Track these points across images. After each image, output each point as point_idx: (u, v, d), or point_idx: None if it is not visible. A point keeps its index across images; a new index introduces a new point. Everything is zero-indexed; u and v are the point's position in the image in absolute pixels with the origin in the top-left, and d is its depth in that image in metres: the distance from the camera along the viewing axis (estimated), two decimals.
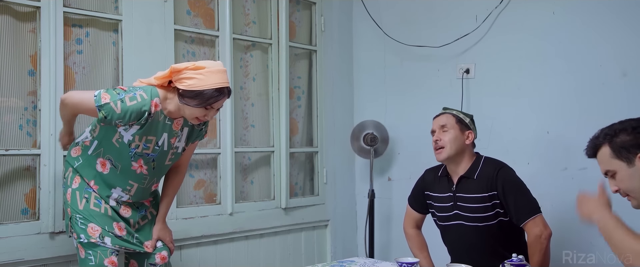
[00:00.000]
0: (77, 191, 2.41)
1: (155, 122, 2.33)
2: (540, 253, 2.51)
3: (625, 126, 1.89)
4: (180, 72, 2.25)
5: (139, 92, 2.28)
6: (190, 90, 2.24)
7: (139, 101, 2.26)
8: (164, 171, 2.53)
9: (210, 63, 2.29)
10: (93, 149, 2.40)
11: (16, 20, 2.68)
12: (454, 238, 2.74)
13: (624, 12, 3.03)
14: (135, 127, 2.30)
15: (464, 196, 2.66)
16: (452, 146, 2.66)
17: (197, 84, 2.23)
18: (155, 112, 2.30)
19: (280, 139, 3.62)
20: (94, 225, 2.36)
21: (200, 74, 2.23)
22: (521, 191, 2.61)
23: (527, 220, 2.54)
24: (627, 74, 3.02)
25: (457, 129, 2.68)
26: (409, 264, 2.31)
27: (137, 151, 2.35)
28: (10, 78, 2.66)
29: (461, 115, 2.72)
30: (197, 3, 3.33)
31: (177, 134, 2.42)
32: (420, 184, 2.89)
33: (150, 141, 2.35)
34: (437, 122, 2.74)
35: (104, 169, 2.40)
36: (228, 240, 3.38)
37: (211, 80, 2.24)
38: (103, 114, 2.23)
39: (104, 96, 2.24)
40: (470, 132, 2.71)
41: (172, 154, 2.47)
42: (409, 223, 2.94)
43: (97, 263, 2.34)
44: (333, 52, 3.99)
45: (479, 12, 3.49)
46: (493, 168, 2.64)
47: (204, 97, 2.24)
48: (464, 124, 2.70)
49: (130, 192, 2.44)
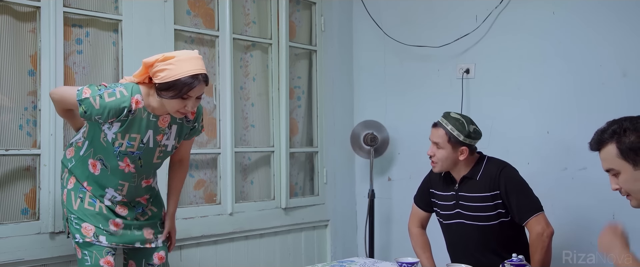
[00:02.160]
0: (72, 191, 2.41)
1: (138, 119, 2.29)
2: (542, 251, 2.51)
3: (636, 126, 1.82)
4: (152, 66, 2.20)
5: (120, 88, 2.25)
6: (163, 82, 2.18)
7: (117, 98, 2.23)
8: (153, 168, 2.49)
9: (181, 52, 2.24)
10: (84, 150, 2.39)
11: (16, 20, 2.68)
12: (455, 237, 2.74)
13: (624, 12, 3.03)
14: (116, 125, 2.27)
15: (466, 195, 2.66)
16: (445, 163, 2.66)
17: (169, 75, 2.16)
18: (137, 109, 2.27)
19: (280, 139, 3.62)
20: (87, 224, 2.36)
21: (171, 63, 2.17)
22: (524, 189, 2.61)
23: (529, 218, 2.55)
24: (627, 74, 3.02)
25: (449, 148, 2.63)
26: (409, 264, 2.31)
27: (121, 149, 2.32)
28: (10, 78, 2.66)
29: (455, 132, 2.62)
30: (197, 3, 3.33)
31: (163, 131, 2.37)
32: (426, 182, 2.89)
33: (134, 138, 2.32)
34: (433, 135, 2.69)
35: (95, 170, 2.39)
36: (228, 240, 3.38)
37: (183, 68, 2.17)
38: (83, 108, 2.22)
39: (85, 91, 2.23)
40: (465, 148, 2.64)
41: (160, 151, 2.42)
42: (413, 222, 2.94)
43: (92, 263, 2.34)
44: (333, 52, 3.99)
45: (479, 12, 3.49)
46: (496, 168, 2.65)
47: (178, 87, 2.17)
48: (457, 141, 2.62)
49: (123, 191, 2.42)
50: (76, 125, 2.53)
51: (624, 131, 1.82)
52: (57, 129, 2.69)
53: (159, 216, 2.58)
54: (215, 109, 3.34)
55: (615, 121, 1.87)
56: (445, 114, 2.72)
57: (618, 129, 1.84)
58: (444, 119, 2.69)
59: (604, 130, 1.88)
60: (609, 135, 1.85)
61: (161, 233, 2.56)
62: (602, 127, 1.89)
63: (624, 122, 1.84)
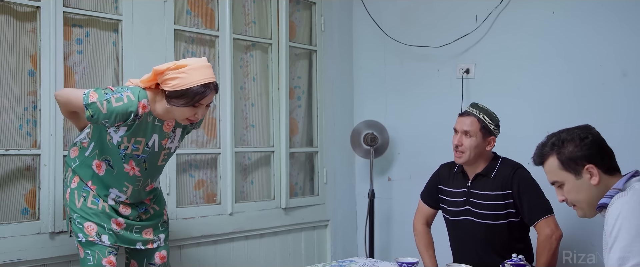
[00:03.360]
0: (76, 190, 2.41)
1: (144, 124, 2.31)
2: (549, 253, 2.51)
3: (573, 136, 1.88)
4: (162, 73, 2.21)
5: (127, 92, 2.25)
6: (175, 90, 2.19)
7: (125, 102, 2.23)
8: (157, 171, 2.51)
9: (192, 60, 2.25)
10: (90, 151, 2.39)
11: (16, 20, 2.68)
12: (462, 233, 2.73)
13: (624, 12, 3.03)
14: (123, 129, 2.28)
15: (478, 193, 2.66)
16: (472, 152, 2.64)
17: (181, 83, 2.18)
18: (144, 114, 2.28)
19: (280, 139, 3.62)
20: (90, 223, 2.36)
21: (183, 72, 2.18)
22: (536, 191, 2.61)
23: (539, 220, 2.55)
24: (627, 74, 3.02)
25: (480, 136, 2.64)
26: (409, 264, 2.31)
27: (126, 152, 2.33)
28: (10, 78, 2.66)
29: (487, 121, 2.65)
30: (197, 3, 3.33)
31: (168, 135, 2.40)
32: (435, 178, 2.88)
33: (139, 142, 2.33)
34: (461, 124, 2.67)
35: (100, 170, 2.39)
36: (228, 240, 3.37)
37: (195, 77, 2.19)
38: (90, 112, 2.22)
39: (92, 95, 2.23)
40: (493, 138, 2.67)
41: (165, 154, 2.45)
42: (419, 219, 2.94)
43: (95, 263, 2.34)
44: (333, 52, 3.98)
45: (479, 12, 3.49)
46: (510, 168, 2.65)
47: (190, 96, 2.19)
48: (488, 130, 2.65)
49: (127, 193, 2.43)
50: (80, 125, 2.53)
51: (562, 142, 1.89)
52: (57, 129, 2.69)
53: (161, 215, 2.58)
54: (216, 109, 3.34)
55: (554, 134, 1.94)
56: (472, 104, 2.74)
57: (557, 141, 1.91)
58: (474, 108, 2.70)
59: (544, 144, 1.95)
60: (549, 148, 1.92)
61: (162, 233, 2.56)
62: (542, 141, 1.96)
63: (562, 134, 1.91)
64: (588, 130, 1.92)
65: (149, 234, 2.51)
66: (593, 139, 1.89)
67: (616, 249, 1.72)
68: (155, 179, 2.54)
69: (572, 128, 1.93)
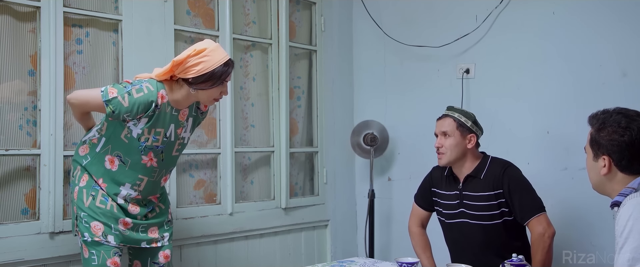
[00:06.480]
0: (85, 189, 2.41)
1: (162, 114, 2.36)
2: (543, 251, 2.51)
3: (614, 128, 1.86)
4: (183, 63, 2.29)
5: (146, 84, 2.33)
6: (201, 75, 2.28)
7: (145, 93, 2.30)
8: (172, 162, 2.55)
9: (207, 43, 2.34)
10: (101, 147, 2.41)
11: (16, 20, 2.68)
12: (458, 236, 2.74)
13: (624, 12, 3.03)
14: (144, 120, 2.33)
15: (470, 195, 2.67)
16: (453, 152, 2.68)
17: (206, 66, 2.28)
18: (162, 104, 2.34)
19: (280, 139, 3.62)
20: (97, 223, 2.36)
21: (206, 56, 2.28)
22: (526, 189, 2.62)
23: (531, 218, 2.56)
24: (627, 74, 3.02)
25: (458, 135, 2.69)
26: (409, 264, 2.31)
27: (147, 144, 2.38)
28: (10, 78, 2.66)
29: (463, 118, 2.71)
30: (197, 3, 3.33)
31: (183, 124, 2.46)
32: (428, 181, 2.90)
33: (159, 133, 2.39)
34: (439, 126, 2.74)
35: (113, 166, 2.41)
36: (228, 240, 3.38)
37: (216, 58, 2.30)
38: (111, 108, 2.26)
39: (111, 90, 2.27)
40: (473, 135, 2.70)
41: (179, 144, 2.50)
42: (414, 221, 2.94)
43: (99, 263, 2.34)
44: (333, 52, 3.99)
45: (479, 12, 3.49)
46: (500, 167, 2.66)
47: (216, 76, 2.30)
48: (465, 128, 2.69)
49: (140, 186, 2.44)
50: (88, 126, 2.55)
51: (604, 124, 1.89)
52: (57, 129, 2.69)
53: (166, 214, 2.59)
54: (216, 109, 3.34)
55: (609, 112, 1.93)
56: (448, 107, 2.80)
57: (602, 121, 1.91)
58: (449, 110, 2.77)
59: (596, 115, 1.95)
60: (594, 121, 1.93)
61: (167, 231, 2.56)
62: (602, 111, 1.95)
63: (613, 116, 1.90)
64: (631, 129, 1.86)
65: (154, 232, 2.51)
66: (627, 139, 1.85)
67: (627, 249, 1.72)
68: (170, 171, 2.57)
69: (624, 112, 1.89)
